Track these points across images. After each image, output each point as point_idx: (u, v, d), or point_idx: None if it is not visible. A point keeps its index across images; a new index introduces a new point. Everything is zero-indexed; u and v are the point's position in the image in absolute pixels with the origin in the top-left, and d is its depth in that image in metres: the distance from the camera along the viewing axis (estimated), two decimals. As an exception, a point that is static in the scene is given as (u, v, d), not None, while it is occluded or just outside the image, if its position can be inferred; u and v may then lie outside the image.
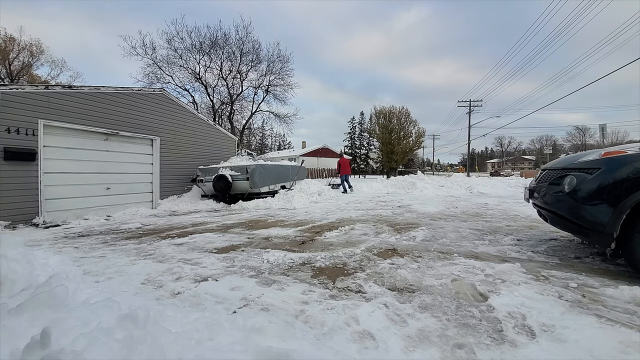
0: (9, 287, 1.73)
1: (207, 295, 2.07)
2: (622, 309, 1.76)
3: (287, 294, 2.07)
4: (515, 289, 2.03)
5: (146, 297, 2.04)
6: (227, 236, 4.09)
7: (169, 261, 2.92)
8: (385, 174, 33.99)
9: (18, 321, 1.31)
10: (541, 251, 3.02)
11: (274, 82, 19.73)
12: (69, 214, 6.03)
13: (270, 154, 34.62)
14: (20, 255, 2.23)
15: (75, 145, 6.31)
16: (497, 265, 2.54)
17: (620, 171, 2.16)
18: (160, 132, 8.23)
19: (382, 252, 3.11)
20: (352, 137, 48.11)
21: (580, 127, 60.75)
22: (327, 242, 3.64)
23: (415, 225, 4.57)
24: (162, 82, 17.89)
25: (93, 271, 2.63)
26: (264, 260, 2.87)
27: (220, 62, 18.66)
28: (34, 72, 26.22)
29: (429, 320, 1.67)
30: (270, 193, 8.70)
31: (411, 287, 2.16)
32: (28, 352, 1.08)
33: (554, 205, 2.66)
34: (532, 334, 1.51)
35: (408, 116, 33.24)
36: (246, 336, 1.40)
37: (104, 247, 3.62)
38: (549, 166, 3.12)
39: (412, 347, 1.42)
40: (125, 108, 7.26)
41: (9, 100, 5.24)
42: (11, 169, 5.24)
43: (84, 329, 1.24)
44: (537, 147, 77.97)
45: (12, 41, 24.09)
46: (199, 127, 9.65)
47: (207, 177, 8.28)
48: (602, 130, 15.05)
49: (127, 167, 7.45)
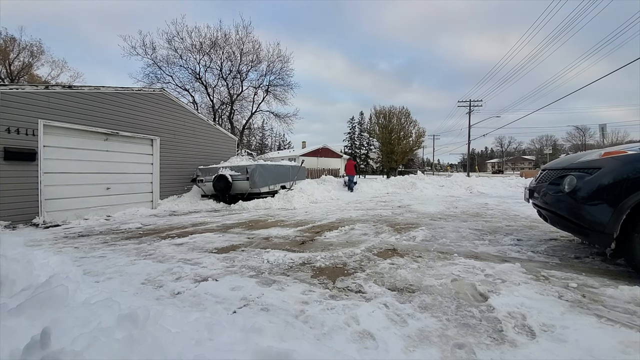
0: (9, 287, 1.73)
1: (207, 295, 2.07)
2: (622, 309, 1.76)
3: (287, 294, 2.07)
4: (515, 289, 2.03)
5: (146, 297, 2.04)
6: (227, 236, 4.09)
7: (169, 261, 2.92)
8: (385, 174, 33.95)
9: (18, 321, 1.31)
10: (541, 251, 3.02)
11: (274, 82, 19.72)
12: (69, 214, 6.03)
13: (270, 154, 34.59)
14: (20, 255, 2.23)
15: (75, 145, 6.32)
16: (497, 265, 2.54)
17: (620, 171, 2.16)
18: (160, 132, 8.23)
19: (382, 252, 3.11)
20: (352, 137, 48.10)
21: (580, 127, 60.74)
22: (327, 242, 3.64)
23: (415, 225, 4.57)
24: (162, 82, 17.88)
25: (93, 271, 2.63)
26: (264, 260, 2.87)
27: (220, 62, 18.65)
28: (34, 72, 26.24)
29: (429, 320, 1.67)
30: (270, 193, 8.70)
31: (411, 287, 2.16)
32: (28, 352, 1.08)
33: (554, 205, 2.66)
34: (532, 334, 1.51)
35: (408, 116, 33.23)
36: (246, 336, 1.40)
37: (104, 247, 3.62)
38: (549, 166, 3.12)
39: (412, 347, 1.42)
40: (125, 108, 7.26)
41: (9, 100, 5.24)
42: (11, 169, 5.24)
43: (84, 329, 1.24)
44: (537, 147, 77.96)
45: (12, 41, 24.10)
46: (199, 127, 9.65)
47: (207, 177, 8.28)
48: (602, 130, 15.06)
49: (127, 167, 7.45)
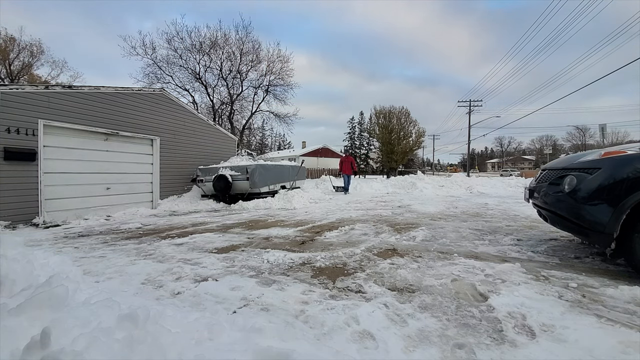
0: (9, 287, 1.73)
1: (207, 295, 2.06)
2: (622, 309, 1.75)
3: (287, 294, 2.07)
4: (515, 289, 2.03)
5: (146, 297, 2.04)
6: (227, 236, 4.09)
7: (169, 261, 2.92)
8: (385, 174, 33.93)
9: (18, 321, 1.31)
10: (541, 251, 3.02)
11: (274, 82, 19.74)
12: (69, 214, 6.03)
13: (270, 154, 34.63)
14: (20, 255, 2.23)
15: (75, 145, 6.32)
16: (497, 265, 2.54)
17: (620, 171, 2.16)
18: (160, 132, 8.23)
19: (382, 252, 3.11)
20: (352, 137, 48.03)
21: (580, 127, 60.74)
22: (327, 242, 3.64)
23: (415, 225, 4.57)
24: (162, 82, 17.88)
25: (93, 271, 2.63)
26: (264, 260, 2.87)
27: (220, 62, 18.67)
28: (34, 72, 26.24)
29: (429, 320, 1.67)
30: (270, 193, 8.69)
31: (411, 287, 2.16)
32: (28, 352, 1.08)
33: (554, 205, 2.66)
34: (532, 334, 1.51)
35: (408, 116, 33.22)
36: (246, 336, 1.40)
37: (104, 247, 3.62)
38: (549, 166, 3.12)
39: (412, 347, 1.42)
40: (125, 108, 7.26)
41: (9, 100, 5.24)
42: (11, 169, 5.24)
43: (84, 329, 1.23)
44: (537, 147, 77.94)
45: (12, 41, 24.09)
46: (199, 127, 9.65)
47: (207, 177, 8.28)
48: (602, 130, 15.06)
49: (127, 167, 7.45)
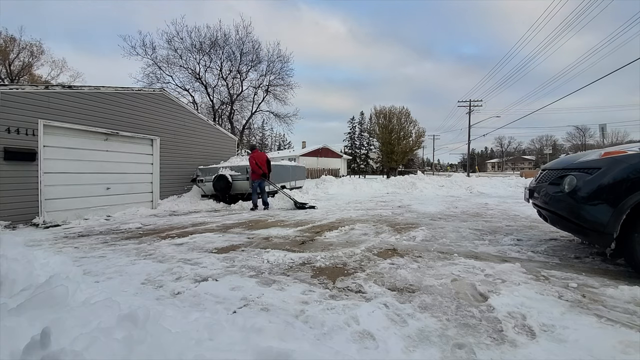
0: (9, 287, 1.73)
1: (207, 295, 2.06)
2: (622, 309, 1.75)
3: (287, 294, 2.07)
4: (515, 289, 2.03)
5: (146, 297, 2.04)
6: (227, 236, 4.09)
7: (169, 261, 2.92)
8: (385, 174, 33.96)
9: (18, 321, 1.31)
10: (541, 251, 3.02)
11: (274, 82, 19.79)
12: (69, 214, 6.03)
13: (270, 154, 34.58)
14: (20, 255, 2.22)
15: (75, 145, 6.31)
16: (497, 265, 2.54)
17: (620, 171, 2.16)
18: (160, 132, 8.23)
19: (382, 252, 3.11)
20: (352, 137, 48.07)
21: (580, 127, 60.78)
22: (327, 242, 3.64)
23: (415, 225, 4.57)
24: (162, 82, 17.92)
25: (93, 271, 2.63)
26: (264, 260, 2.87)
27: (220, 62, 18.71)
28: (34, 72, 26.26)
29: (429, 320, 1.67)
30: (271, 193, 8.69)
31: (411, 287, 2.16)
32: (28, 352, 1.08)
33: (554, 205, 2.66)
34: (532, 334, 1.51)
35: (408, 116, 33.27)
36: (246, 336, 1.40)
37: (104, 247, 3.62)
38: (549, 166, 3.12)
39: (412, 347, 1.42)
40: (125, 108, 7.26)
41: (9, 100, 5.24)
42: (11, 169, 5.24)
43: (84, 329, 1.23)
44: (537, 147, 77.97)
45: (12, 41, 24.12)
46: (199, 127, 9.64)
47: (207, 177, 8.28)
48: (602, 130, 15.05)
49: (127, 167, 7.45)
